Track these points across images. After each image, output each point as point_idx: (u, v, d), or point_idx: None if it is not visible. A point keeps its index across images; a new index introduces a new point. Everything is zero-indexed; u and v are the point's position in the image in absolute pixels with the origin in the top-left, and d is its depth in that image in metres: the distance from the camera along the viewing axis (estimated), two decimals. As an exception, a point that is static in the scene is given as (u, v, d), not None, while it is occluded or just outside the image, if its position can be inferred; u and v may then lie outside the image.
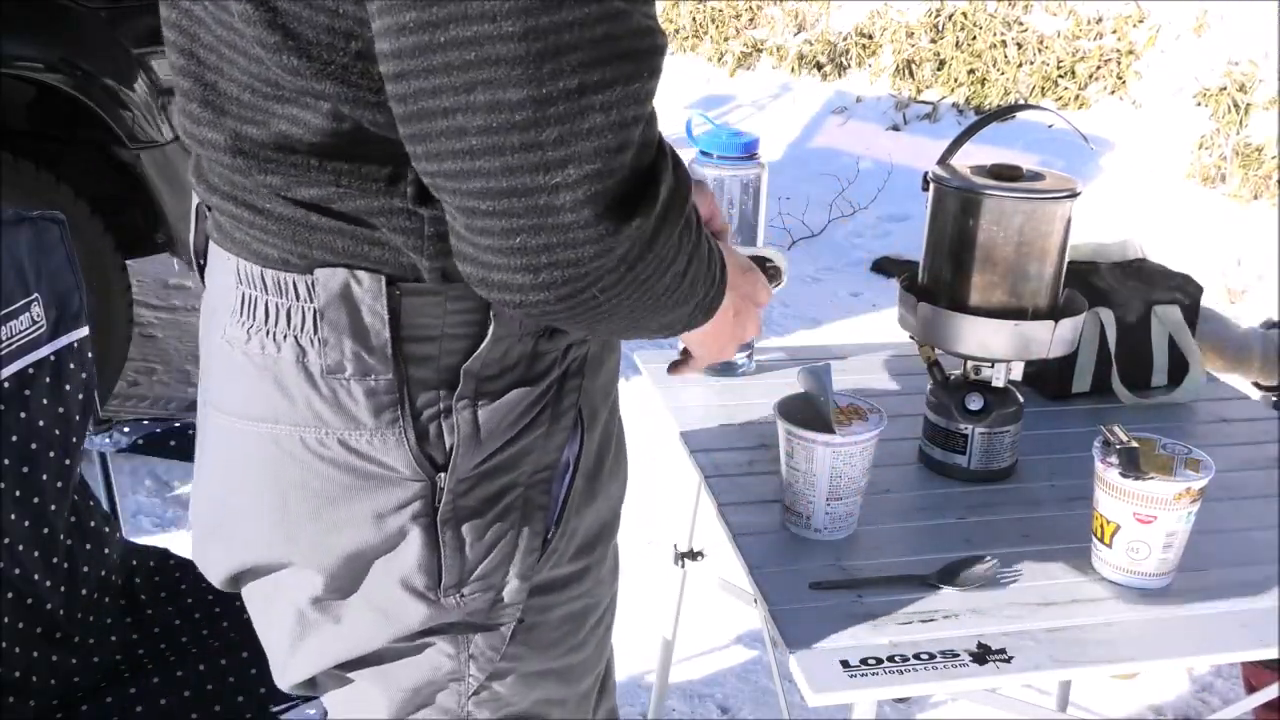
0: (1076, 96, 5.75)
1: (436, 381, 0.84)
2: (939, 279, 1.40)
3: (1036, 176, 1.39)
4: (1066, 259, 1.38)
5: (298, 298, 0.84)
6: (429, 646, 0.92)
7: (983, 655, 1.10)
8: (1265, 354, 1.80)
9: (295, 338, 0.84)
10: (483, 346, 0.84)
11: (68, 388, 1.54)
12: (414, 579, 0.88)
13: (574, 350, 0.91)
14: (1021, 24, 6.13)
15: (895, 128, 6.08)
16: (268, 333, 0.85)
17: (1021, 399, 1.43)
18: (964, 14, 6.31)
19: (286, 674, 0.98)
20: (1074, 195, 1.36)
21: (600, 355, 0.97)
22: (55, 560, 1.49)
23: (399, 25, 0.68)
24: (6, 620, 1.41)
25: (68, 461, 1.53)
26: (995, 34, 6.16)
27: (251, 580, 0.96)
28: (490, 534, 0.88)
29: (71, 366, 1.55)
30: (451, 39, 0.67)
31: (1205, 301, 1.73)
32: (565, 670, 0.98)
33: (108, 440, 1.64)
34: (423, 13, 0.67)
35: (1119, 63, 5.71)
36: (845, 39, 6.78)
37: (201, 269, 0.95)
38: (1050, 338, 1.35)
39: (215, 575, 0.99)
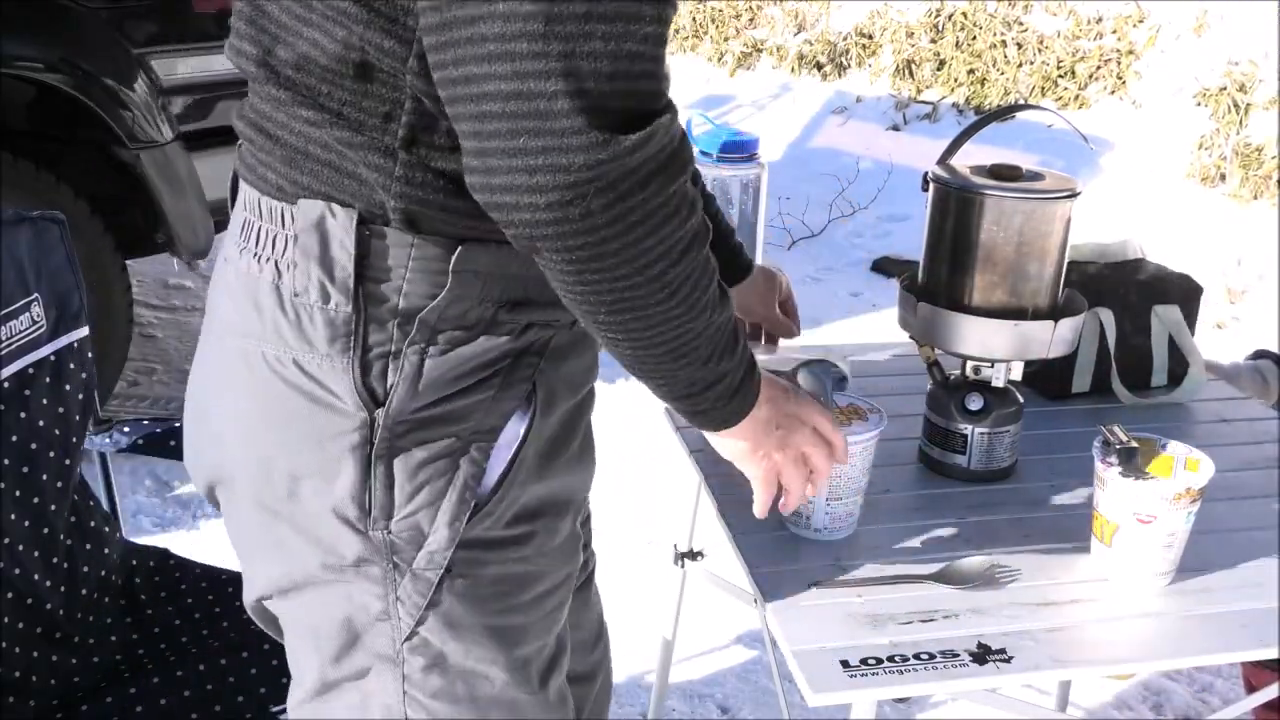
0: (1076, 96, 5.74)
1: (392, 323, 0.91)
2: (939, 279, 1.40)
3: (1036, 176, 1.38)
4: (1066, 259, 1.38)
5: (283, 225, 0.92)
6: (361, 581, 0.95)
7: (983, 655, 1.10)
8: (1254, 385, 1.80)
9: (275, 262, 0.92)
10: (439, 299, 0.90)
11: (68, 388, 1.54)
12: (345, 508, 0.93)
13: (535, 331, 0.96)
14: (1021, 24, 6.13)
15: (895, 128, 6.08)
16: (255, 255, 0.94)
17: (1021, 399, 1.43)
18: (964, 14, 6.31)
19: (246, 596, 1.06)
20: (1074, 195, 1.36)
21: (568, 349, 1.01)
22: (55, 560, 1.49)
23: None
24: (6, 620, 1.41)
25: (68, 461, 1.53)
26: (995, 34, 6.16)
27: (222, 492, 1.04)
28: (420, 477, 0.93)
29: (71, 366, 1.55)
30: None
31: (1205, 302, 1.73)
32: (499, 630, 0.99)
33: (108, 440, 1.64)
34: None
35: (1119, 63, 5.71)
36: (845, 39, 6.78)
37: (232, 201, 1.03)
38: (1050, 338, 1.35)
39: (197, 482, 1.07)
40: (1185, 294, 1.69)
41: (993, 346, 1.37)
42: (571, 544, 1.07)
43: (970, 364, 1.42)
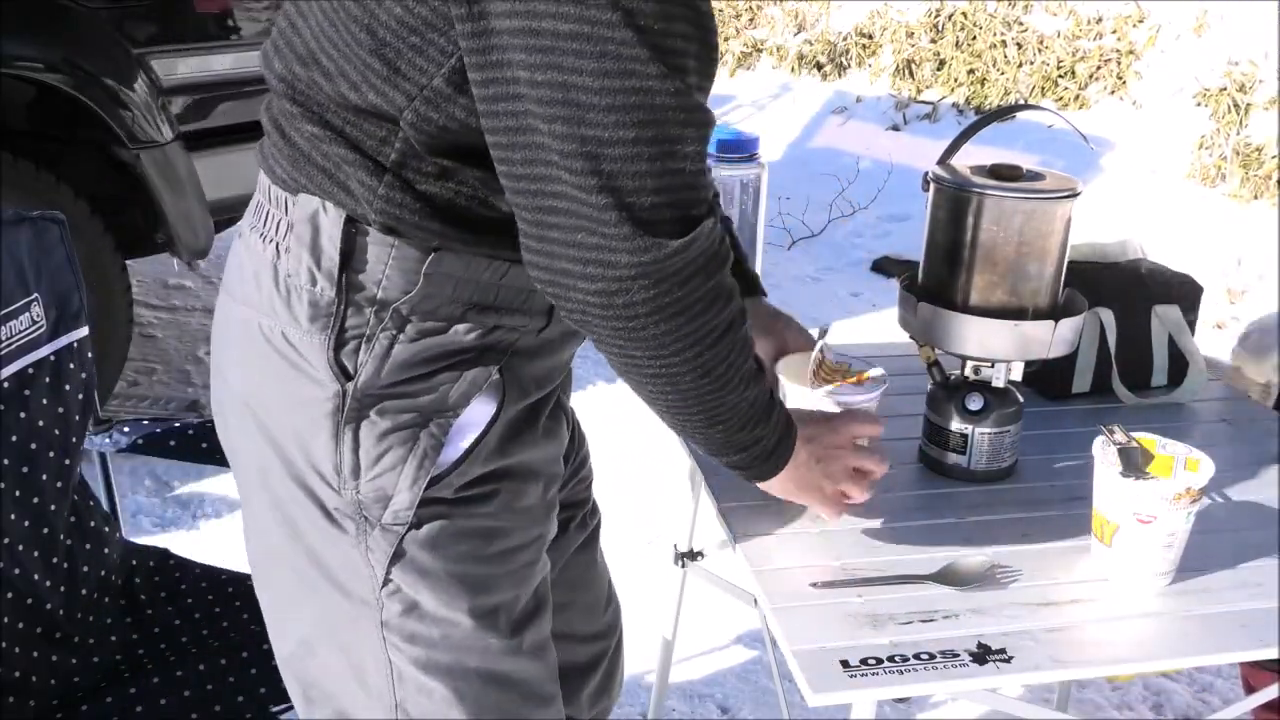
0: (1076, 96, 5.75)
1: (369, 310, 1.01)
2: (939, 279, 1.40)
3: (1036, 176, 1.38)
4: (1066, 258, 1.38)
5: (285, 212, 1.03)
6: (337, 530, 1.05)
7: (983, 655, 1.10)
8: (1255, 352, 1.80)
9: (277, 244, 1.04)
10: (411, 294, 1.00)
11: (68, 388, 1.54)
12: (321, 465, 1.04)
13: (501, 332, 1.06)
14: (1021, 24, 6.13)
15: (895, 128, 6.08)
16: (261, 234, 1.06)
17: (1021, 399, 1.43)
18: (964, 14, 6.31)
19: (248, 547, 1.16)
20: (1074, 195, 1.36)
21: (535, 351, 1.10)
22: (55, 560, 1.49)
23: (525, 45, 0.89)
24: (6, 620, 1.41)
25: (68, 461, 1.53)
26: (995, 34, 6.16)
27: (229, 442, 1.15)
28: (383, 444, 1.03)
29: (71, 366, 1.55)
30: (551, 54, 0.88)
31: (1205, 302, 1.73)
32: (466, 577, 1.07)
33: (108, 440, 1.64)
34: (534, 40, 0.88)
35: (1119, 63, 5.71)
36: (845, 39, 6.78)
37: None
38: (1050, 338, 1.35)
39: (225, 442, 1.17)
40: (1185, 294, 1.69)
41: (993, 347, 1.37)
42: (542, 510, 1.14)
43: (970, 364, 1.42)
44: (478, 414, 1.05)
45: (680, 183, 0.92)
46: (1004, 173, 1.37)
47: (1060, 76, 5.86)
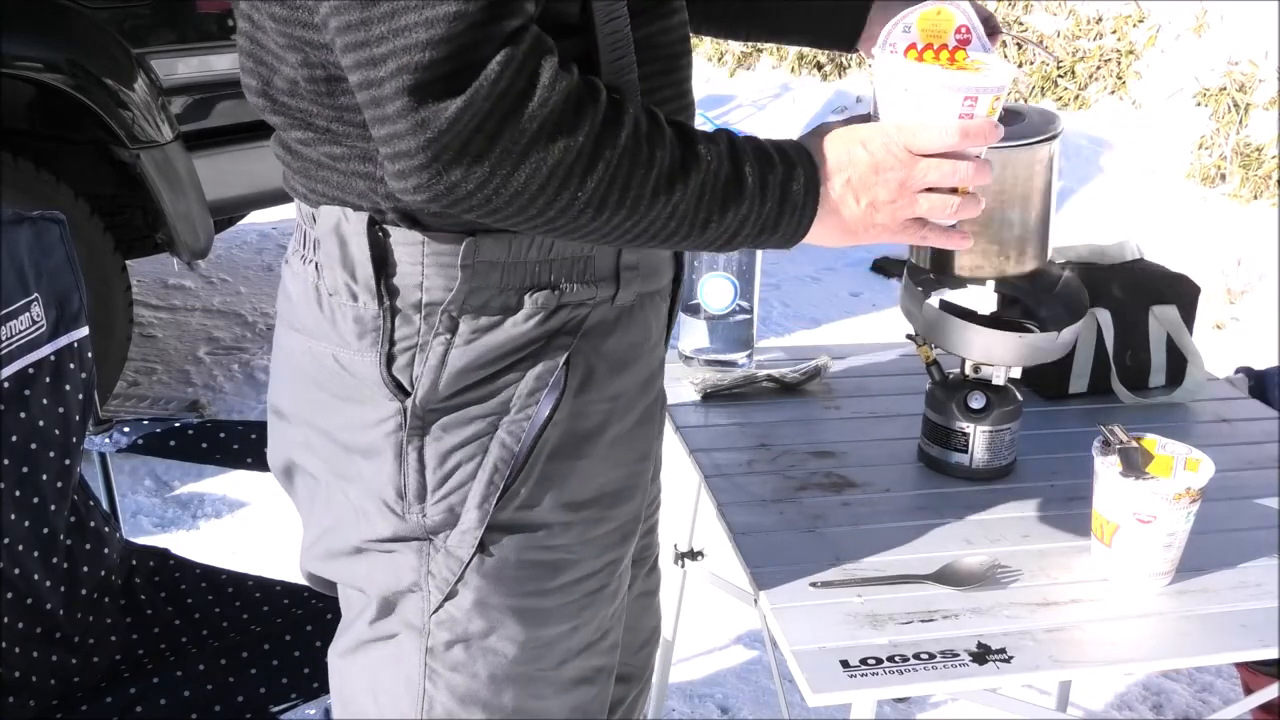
0: (1076, 96, 5.75)
1: (417, 316, 0.93)
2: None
3: (1016, 116, 1.23)
4: (1052, 207, 1.25)
5: (315, 227, 0.97)
6: (396, 555, 0.99)
7: (983, 655, 1.10)
8: None
9: (315, 263, 0.98)
10: (454, 291, 0.92)
11: (68, 388, 1.54)
12: (384, 490, 0.97)
13: (567, 311, 0.96)
14: (1021, 24, 6.13)
15: (895, 128, 6.07)
16: (302, 256, 1.00)
17: (1020, 397, 1.43)
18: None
19: (302, 562, 1.10)
20: (1054, 136, 1.22)
21: (611, 325, 1.00)
22: (55, 560, 1.49)
23: None
24: (6, 620, 1.41)
25: (68, 461, 1.53)
26: (995, 34, 6.15)
27: (297, 473, 1.09)
28: (451, 461, 0.96)
29: (71, 366, 1.55)
30: None
31: (1205, 302, 1.73)
32: (525, 611, 1.00)
33: (108, 440, 1.64)
34: None
35: (1119, 63, 5.71)
36: (845, 39, 6.77)
37: None
38: (1054, 347, 1.35)
39: (274, 464, 1.12)
40: (1183, 294, 1.69)
41: (996, 355, 1.37)
42: (619, 532, 1.06)
43: (970, 363, 1.42)
44: (542, 409, 0.97)
45: (475, 37, 0.79)
46: None
47: (1060, 76, 5.86)
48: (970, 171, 0.95)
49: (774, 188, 0.91)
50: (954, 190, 0.96)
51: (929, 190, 0.95)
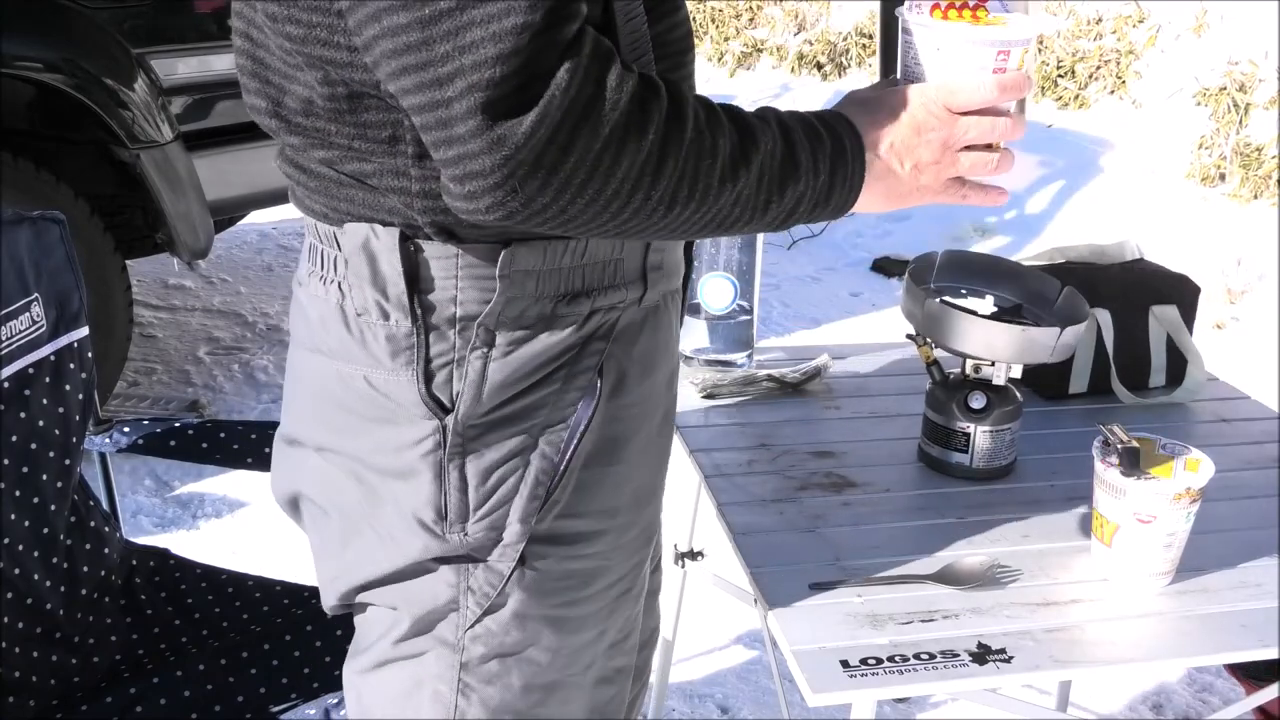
0: (1076, 96, 5.75)
1: (452, 331, 0.91)
2: None
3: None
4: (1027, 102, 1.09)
5: (338, 247, 0.94)
6: (433, 575, 0.97)
7: (983, 655, 1.10)
8: None
9: (338, 283, 0.94)
10: (492, 304, 0.90)
11: (68, 388, 1.54)
12: (422, 512, 0.94)
13: (600, 316, 0.95)
14: (1021, 24, 6.12)
15: (895, 128, 6.07)
16: (321, 277, 0.96)
17: (1020, 397, 1.43)
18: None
19: (326, 596, 1.07)
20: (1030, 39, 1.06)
21: (639, 326, 0.99)
22: (55, 560, 1.49)
23: None
24: (6, 620, 1.41)
25: (68, 461, 1.53)
26: (995, 34, 6.15)
27: (305, 500, 1.06)
28: (494, 477, 0.94)
29: (71, 366, 1.55)
30: None
31: (1205, 302, 1.73)
32: (561, 620, 1.00)
33: (108, 440, 1.64)
34: None
35: (1119, 63, 5.71)
36: (845, 39, 6.78)
37: None
38: (1054, 344, 1.35)
39: (279, 494, 1.10)
40: (1183, 294, 1.69)
41: (997, 349, 1.37)
42: (644, 534, 1.07)
43: (970, 362, 1.42)
44: (578, 415, 0.96)
45: (540, 44, 0.77)
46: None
47: (1060, 76, 5.86)
48: (1009, 126, 0.96)
49: (824, 161, 0.90)
50: (989, 147, 0.97)
51: (967, 149, 0.96)
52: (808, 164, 0.90)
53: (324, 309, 0.96)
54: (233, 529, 2.78)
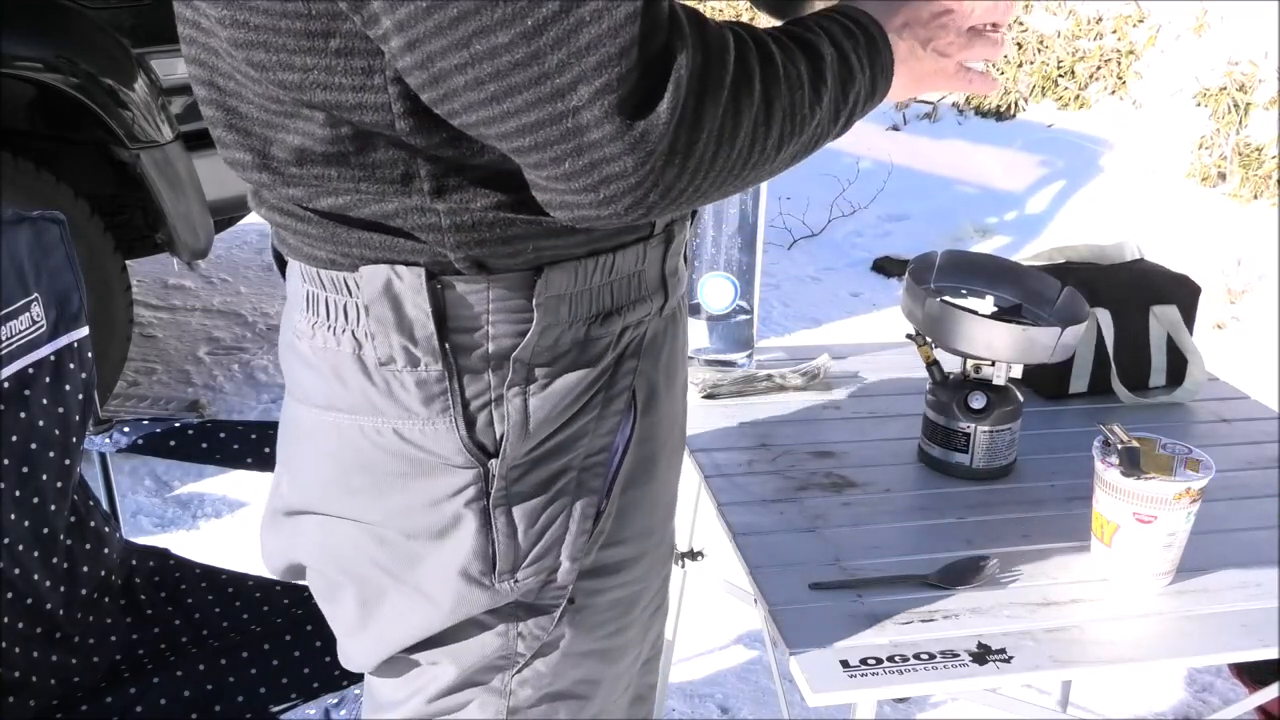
0: (1076, 96, 5.75)
1: (486, 371, 0.86)
2: None
3: None
4: None
5: (350, 294, 0.87)
6: (482, 627, 0.93)
7: (983, 655, 1.10)
8: None
9: (352, 332, 0.87)
10: (529, 336, 0.86)
11: (68, 388, 1.54)
12: (469, 565, 0.89)
13: (630, 332, 0.92)
14: (1021, 24, 6.13)
15: (895, 128, 6.08)
16: (329, 327, 0.89)
17: (1020, 397, 1.43)
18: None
19: (353, 660, 1.00)
20: None
21: (662, 335, 0.97)
22: (55, 560, 1.49)
23: (390, 4, 0.72)
24: (6, 620, 1.41)
25: (68, 461, 1.53)
26: (995, 34, 6.15)
27: (311, 572, 0.99)
28: (543, 518, 0.90)
29: (71, 366, 1.55)
30: (433, 2, 0.71)
31: (1205, 302, 1.73)
32: (607, 651, 0.99)
33: (108, 440, 1.64)
34: None
35: (1119, 63, 5.71)
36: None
37: (282, 268, 0.98)
38: (1055, 344, 1.35)
39: (273, 565, 1.02)
40: (1182, 294, 1.69)
41: (996, 348, 1.37)
42: (670, 547, 1.06)
43: (970, 362, 1.42)
44: (618, 439, 0.93)
45: (648, 27, 0.73)
46: None
47: (1060, 76, 5.86)
48: (1008, 7, 0.99)
49: (864, 55, 0.89)
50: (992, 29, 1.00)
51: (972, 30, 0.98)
52: (857, 63, 0.88)
53: (337, 361, 0.89)
54: (233, 529, 2.78)
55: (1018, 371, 1.43)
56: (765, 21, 1.02)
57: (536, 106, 0.73)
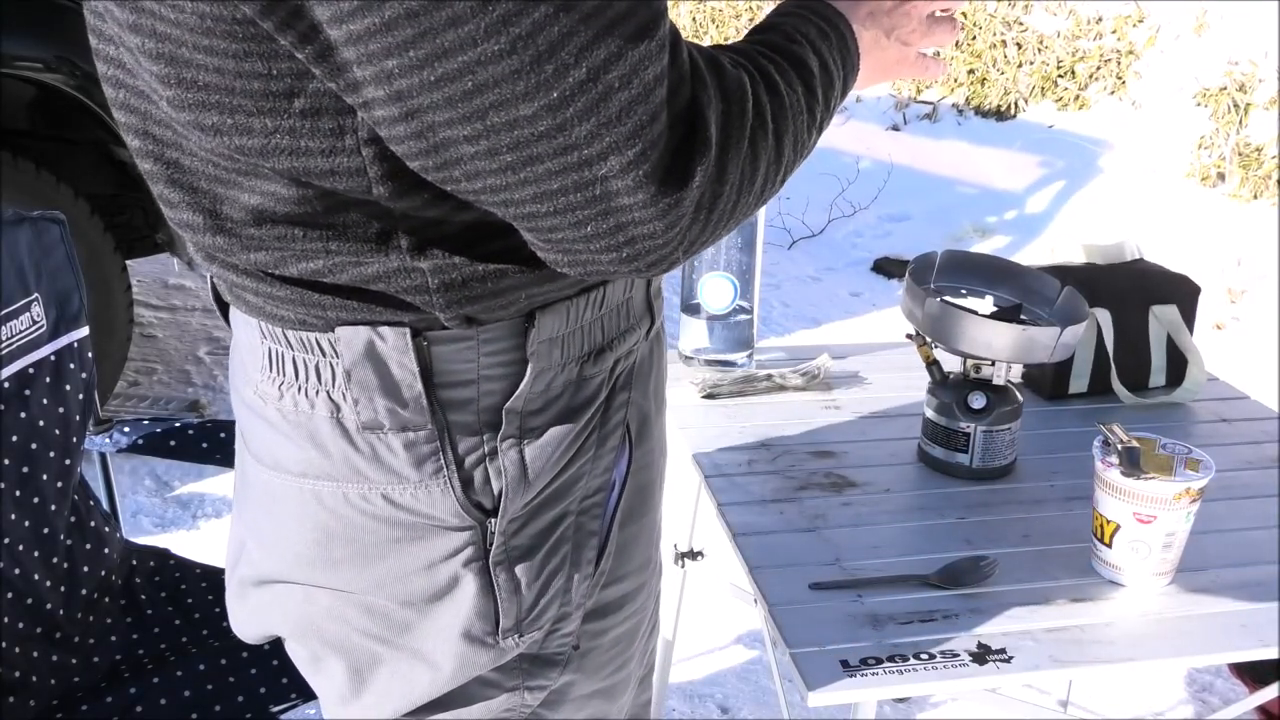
0: (1076, 96, 5.75)
1: (478, 425, 0.81)
2: None
3: None
4: None
5: (324, 354, 0.80)
6: (486, 684, 0.89)
7: (983, 655, 1.10)
8: None
9: (328, 393, 0.81)
10: (523, 385, 0.81)
11: (68, 388, 1.54)
12: (472, 626, 0.85)
13: (620, 364, 0.89)
14: (1021, 24, 6.13)
15: (895, 128, 6.08)
16: (299, 389, 0.82)
17: (1020, 397, 1.43)
18: (964, 14, 6.30)
19: None
20: None
21: (649, 359, 0.95)
22: (55, 560, 1.49)
23: (384, 73, 0.64)
24: (6, 620, 1.41)
25: (68, 461, 1.53)
26: (995, 34, 6.16)
27: (292, 642, 0.94)
28: (546, 571, 0.86)
29: (71, 366, 1.55)
30: (445, 74, 0.64)
31: (1205, 302, 1.73)
32: (612, 688, 0.98)
33: (108, 440, 1.64)
34: (402, 58, 0.63)
35: (1119, 63, 5.71)
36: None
37: (224, 310, 0.91)
38: (1054, 344, 1.35)
39: (251, 632, 0.96)
40: (1182, 294, 1.69)
41: (996, 348, 1.37)
42: (660, 566, 1.04)
43: (970, 362, 1.42)
44: (616, 475, 0.90)
45: (674, 84, 0.70)
46: None
47: (1060, 76, 5.86)
48: None
49: (838, 58, 0.88)
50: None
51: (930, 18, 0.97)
52: (835, 68, 0.87)
53: (313, 426, 0.82)
54: (233, 529, 2.78)
55: (1017, 372, 1.43)
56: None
57: (559, 175, 0.68)
